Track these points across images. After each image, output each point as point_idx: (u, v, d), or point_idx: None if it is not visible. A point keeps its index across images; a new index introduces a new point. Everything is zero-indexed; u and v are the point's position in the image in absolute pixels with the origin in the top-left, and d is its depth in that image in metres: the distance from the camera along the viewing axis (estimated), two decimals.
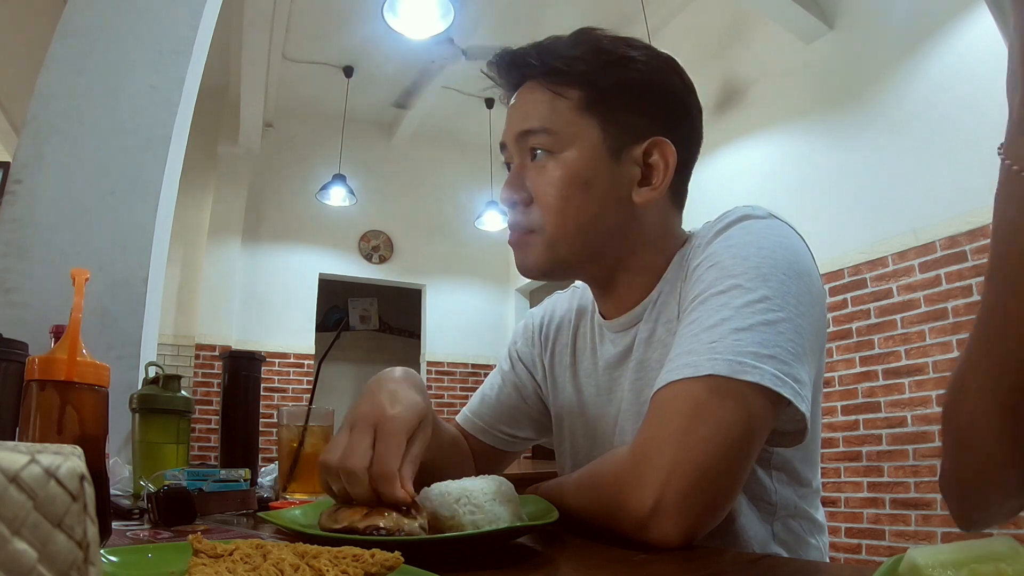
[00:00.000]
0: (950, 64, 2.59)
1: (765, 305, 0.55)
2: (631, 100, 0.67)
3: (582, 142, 0.66)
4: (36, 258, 1.24)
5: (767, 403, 0.53)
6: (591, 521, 0.58)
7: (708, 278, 0.60)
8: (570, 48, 0.68)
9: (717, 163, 3.53)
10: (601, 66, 0.67)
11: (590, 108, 0.66)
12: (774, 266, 0.58)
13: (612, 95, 0.66)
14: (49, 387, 0.47)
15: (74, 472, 0.22)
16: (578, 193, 0.66)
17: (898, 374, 2.65)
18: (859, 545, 2.70)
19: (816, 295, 0.60)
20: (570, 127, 0.66)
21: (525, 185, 0.69)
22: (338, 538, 0.46)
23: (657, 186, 0.67)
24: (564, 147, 0.66)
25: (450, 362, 5.38)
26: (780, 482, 0.65)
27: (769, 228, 0.62)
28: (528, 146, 0.68)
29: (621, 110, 0.67)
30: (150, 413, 0.88)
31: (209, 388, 4.33)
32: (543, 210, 0.67)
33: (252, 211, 4.85)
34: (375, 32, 3.65)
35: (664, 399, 0.55)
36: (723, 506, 0.53)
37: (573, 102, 0.66)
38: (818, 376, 0.63)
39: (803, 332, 0.56)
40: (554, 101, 0.67)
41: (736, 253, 0.60)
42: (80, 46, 1.40)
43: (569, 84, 0.67)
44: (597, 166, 0.66)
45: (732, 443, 0.51)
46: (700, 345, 0.55)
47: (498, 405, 0.89)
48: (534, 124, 0.67)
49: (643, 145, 0.67)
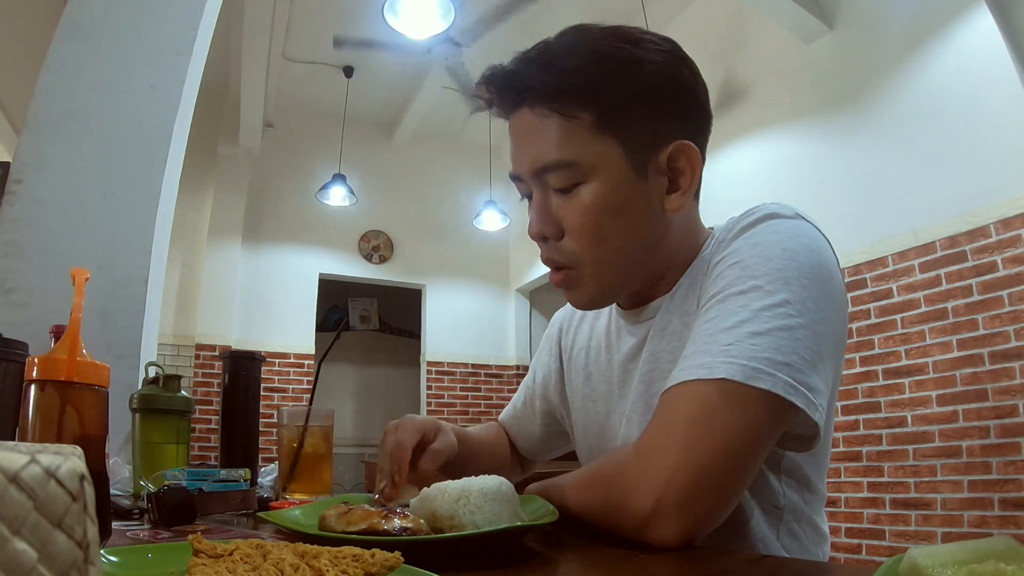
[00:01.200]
0: (950, 64, 2.59)
1: (785, 310, 0.54)
2: (646, 107, 0.62)
3: (606, 166, 0.62)
4: (36, 258, 1.24)
5: (778, 411, 0.52)
6: (591, 521, 0.58)
7: (729, 276, 0.58)
8: (570, 59, 0.62)
9: (717, 163, 3.53)
10: (609, 77, 0.61)
11: (605, 126, 0.61)
12: (797, 269, 0.56)
13: (626, 107, 0.62)
14: (49, 387, 0.47)
15: (74, 472, 0.22)
16: (612, 220, 0.62)
17: (898, 374, 2.65)
18: (859, 545, 2.70)
19: (838, 301, 0.59)
20: (590, 153, 0.61)
21: (552, 218, 0.64)
22: (338, 538, 0.46)
23: (687, 190, 0.65)
24: (589, 175, 0.62)
25: (450, 362, 5.38)
26: (789, 487, 0.65)
27: (795, 229, 0.60)
28: (548, 182, 0.64)
29: (638, 120, 0.62)
30: (150, 413, 0.88)
31: (209, 388, 4.33)
32: (578, 243, 0.64)
33: (252, 211, 4.85)
34: (375, 32, 3.65)
35: (674, 399, 0.55)
36: (723, 509, 0.53)
37: (586, 124, 0.61)
38: (835, 383, 0.61)
39: (821, 339, 0.55)
40: (567, 126, 0.61)
41: (760, 253, 0.58)
42: (80, 46, 1.40)
43: (578, 104, 0.61)
44: (627, 188, 0.62)
45: (737, 448, 0.51)
46: (716, 346, 0.54)
47: (524, 411, 0.95)
48: (551, 158, 0.62)
49: (667, 151, 0.63)
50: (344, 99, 4.81)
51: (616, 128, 0.62)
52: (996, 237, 2.36)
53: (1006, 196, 2.33)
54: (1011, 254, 2.31)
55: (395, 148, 5.49)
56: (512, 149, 0.67)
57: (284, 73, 4.65)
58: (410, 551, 0.37)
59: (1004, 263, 2.33)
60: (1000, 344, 2.32)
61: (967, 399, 2.40)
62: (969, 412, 2.39)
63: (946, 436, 2.45)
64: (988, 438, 2.32)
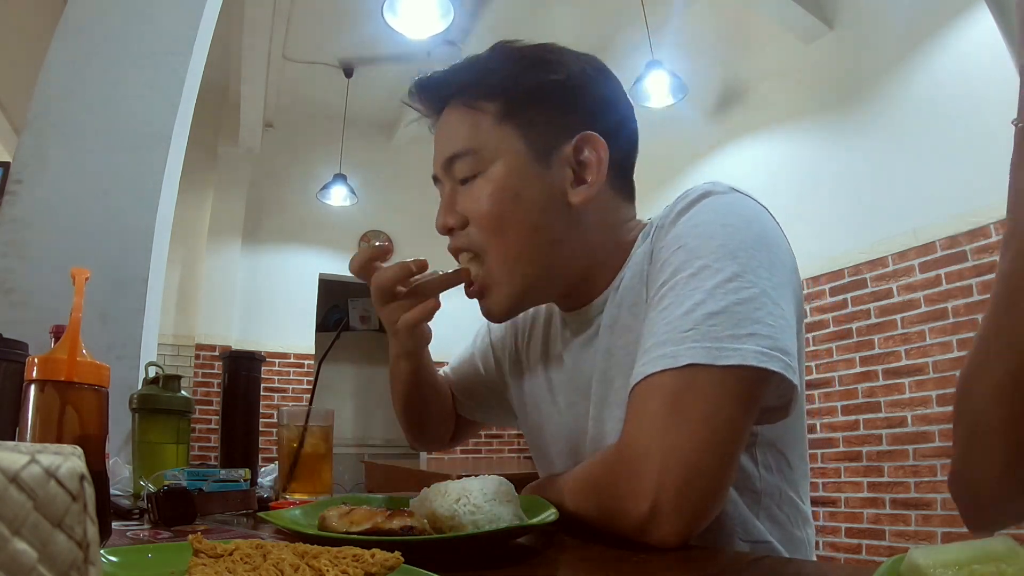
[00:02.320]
0: (950, 64, 2.59)
1: (737, 283, 0.54)
2: (552, 101, 0.66)
3: (506, 153, 0.65)
4: (36, 258, 1.24)
5: (752, 383, 0.52)
6: (590, 524, 0.58)
7: (675, 261, 0.58)
8: (486, 61, 0.68)
9: (717, 163, 3.53)
10: (516, 72, 0.66)
11: (509, 117, 0.65)
12: (742, 242, 0.56)
13: (531, 99, 0.65)
14: (49, 387, 0.47)
15: (74, 472, 0.22)
16: (511, 205, 0.64)
17: (898, 374, 2.65)
18: (859, 545, 2.70)
19: (788, 265, 0.59)
20: (492, 141, 0.65)
21: (455, 209, 0.67)
22: (338, 538, 0.46)
23: (592, 182, 0.65)
24: (489, 163, 0.65)
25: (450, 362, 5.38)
26: (766, 467, 0.63)
27: (732, 203, 0.61)
28: (455, 172, 0.67)
29: (542, 112, 0.65)
30: (150, 413, 0.88)
31: (209, 388, 4.33)
32: (479, 230, 0.66)
33: (252, 211, 4.84)
34: (375, 32, 3.65)
35: (644, 394, 0.54)
36: (719, 499, 0.52)
37: (491, 115, 0.65)
38: (800, 349, 0.61)
39: (781, 303, 0.55)
40: (473, 118, 0.66)
41: (701, 232, 0.58)
42: (80, 46, 1.40)
43: (486, 97, 0.66)
44: (525, 174, 0.65)
45: (719, 436, 0.51)
46: (676, 333, 0.53)
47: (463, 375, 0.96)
48: (457, 147, 0.66)
49: (571, 143, 0.65)
50: (344, 99, 4.81)
51: (519, 118, 0.65)
52: (996, 237, 2.37)
53: (1006, 196, 2.33)
54: None
55: (396, 148, 5.49)
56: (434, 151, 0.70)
57: (284, 73, 4.65)
58: (410, 551, 0.37)
59: None
60: None
61: None
62: None
63: (946, 436, 2.45)
64: None
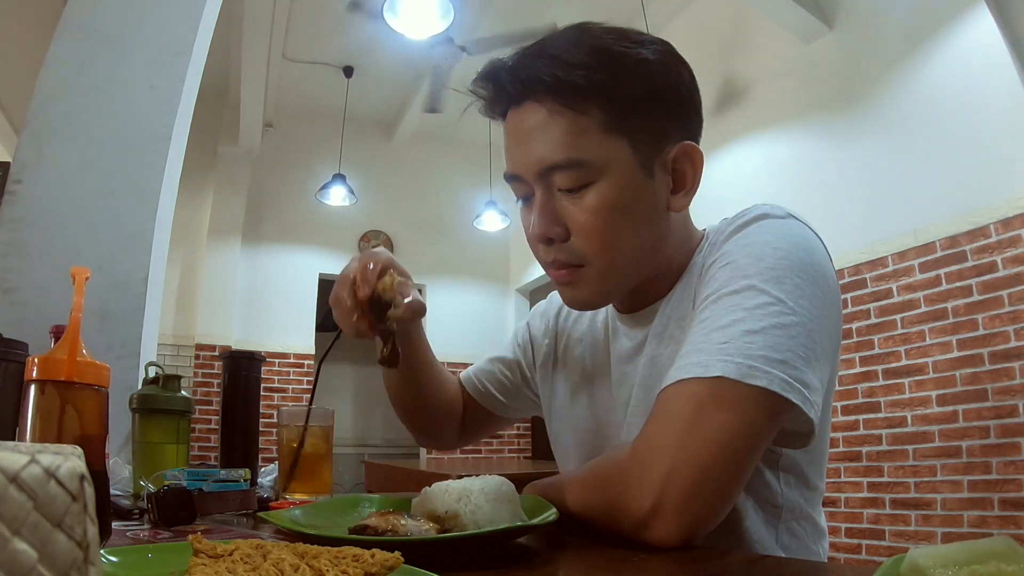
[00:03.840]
0: (950, 64, 2.59)
1: (778, 308, 0.54)
2: (654, 107, 0.62)
3: (616, 166, 0.60)
4: (36, 258, 1.24)
5: (774, 408, 0.52)
6: (590, 521, 0.58)
7: (722, 277, 0.59)
8: (578, 55, 0.60)
9: (717, 163, 3.53)
10: (619, 75, 0.60)
11: (616, 125, 0.60)
12: (789, 268, 0.57)
13: (637, 106, 0.60)
14: (49, 387, 0.47)
15: (74, 472, 0.22)
16: (621, 220, 0.62)
17: (898, 374, 2.65)
18: (859, 545, 2.70)
19: (831, 298, 0.59)
20: (601, 153, 0.60)
21: (558, 219, 0.62)
22: (338, 538, 0.46)
23: (690, 190, 0.65)
24: (598, 175, 0.60)
25: (450, 362, 5.37)
26: (787, 484, 0.65)
27: (786, 228, 0.61)
28: (555, 181, 0.62)
29: (646, 120, 0.61)
30: (150, 413, 0.88)
31: (209, 388, 4.33)
32: (587, 244, 0.62)
33: (252, 211, 4.85)
34: (375, 32, 3.65)
35: (670, 397, 0.55)
36: (722, 508, 0.53)
37: (597, 122, 0.60)
38: (831, 380, 0.62)
39: (815, 336, 0.55)
40: (576, 123, 0.59)
41: (751, 253, 0.59)
42: (80, 46, 1.40)
43: (589, 101, 0.59)
44: (635, 188, 0.62)
45: (734, 446, 0.51)
46: (711, 345, 0.54)
47: (496, 371, 0.92)
48: (560, 158, 0.60)
49: (672, 151, 0.63)
50: (344, 99, 4.81)
51: (626, 127, 0.60)
52: (996, 237, 2.36)
53: (1006, 196, 2.33)
54: (1011, 254, 2.31)
55: (395, 148, 5.50)
56: (511, 148, 0.64)
57: (284, 73, 4.65)
58: (410, 551, 0.37)
59: (1004, 263, 2.33)
60: (1000, 344, 2.32)
61: (967, 399, 2.40)
62: (969, 412, 2.39)
63: (946, 436, 2.45)
64: (988, 438, 2.32)
